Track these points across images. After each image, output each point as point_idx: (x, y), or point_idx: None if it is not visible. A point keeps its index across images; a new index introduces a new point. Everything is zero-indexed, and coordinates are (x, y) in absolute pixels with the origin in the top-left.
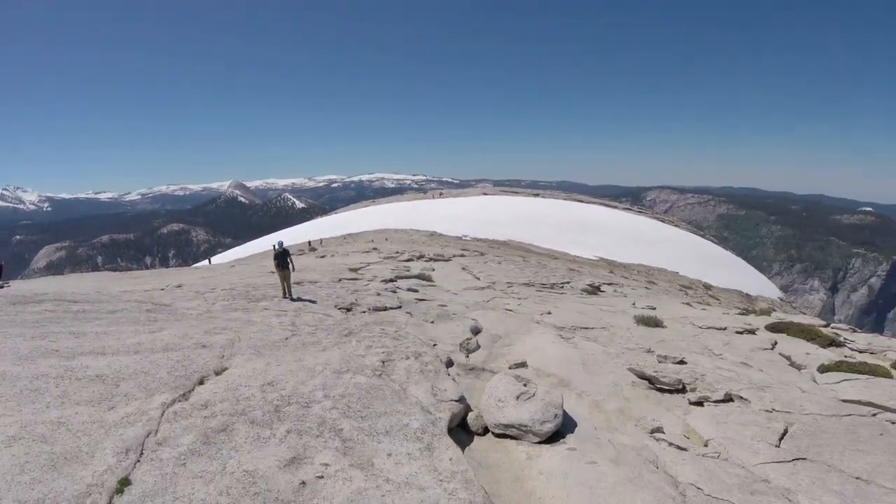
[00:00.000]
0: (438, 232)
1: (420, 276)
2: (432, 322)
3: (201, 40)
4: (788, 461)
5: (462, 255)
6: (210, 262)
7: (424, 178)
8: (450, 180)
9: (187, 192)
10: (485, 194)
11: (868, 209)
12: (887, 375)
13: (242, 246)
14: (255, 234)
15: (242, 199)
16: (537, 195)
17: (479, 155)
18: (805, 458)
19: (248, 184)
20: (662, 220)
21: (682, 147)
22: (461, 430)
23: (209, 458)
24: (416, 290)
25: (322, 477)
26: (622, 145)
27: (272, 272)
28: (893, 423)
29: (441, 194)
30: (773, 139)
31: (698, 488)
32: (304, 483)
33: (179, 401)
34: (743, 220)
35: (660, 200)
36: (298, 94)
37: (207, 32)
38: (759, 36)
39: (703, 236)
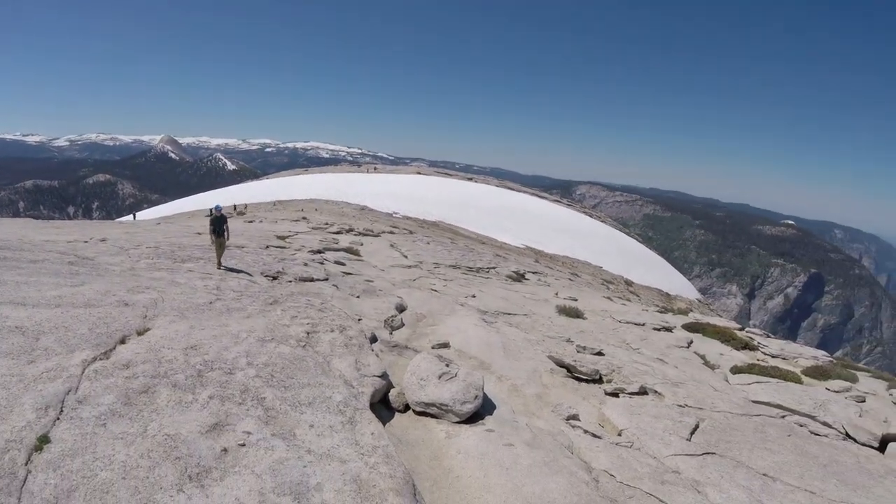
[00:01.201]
0: (369, 207)
1: (348, 250)
2: (358, 297)
3: None
4: (698, 455)
5: (391, 232)
6: (135, 217)
7: (360, 151)
8: (385, 156)
9: (117, 143)
10: (419, 173)
11: (790, 222)
12: (797, 381)
13: (169, 204)
14: (184, 192)
15: (173, 156)
16: (471, 179)
17: (416, 133)
18: (714, 453)
19: (181, 140)
20: (590, 215)
21: (614, 146)
22: (383, 406)
23: (130, 419)
24: (343, 264)
25: (244, 445)
26: (556, 139)
27: (199, 233)
28: (801, 425)
29: (375, 169)
30: (704, 148)
31: (611, 475)
32: (225, 450)
33: (100, 359)
34: (668, 222)
35: (589, 195)
36: (238, 53)
37: None
38: (689, 49)
39: (628, 234)
